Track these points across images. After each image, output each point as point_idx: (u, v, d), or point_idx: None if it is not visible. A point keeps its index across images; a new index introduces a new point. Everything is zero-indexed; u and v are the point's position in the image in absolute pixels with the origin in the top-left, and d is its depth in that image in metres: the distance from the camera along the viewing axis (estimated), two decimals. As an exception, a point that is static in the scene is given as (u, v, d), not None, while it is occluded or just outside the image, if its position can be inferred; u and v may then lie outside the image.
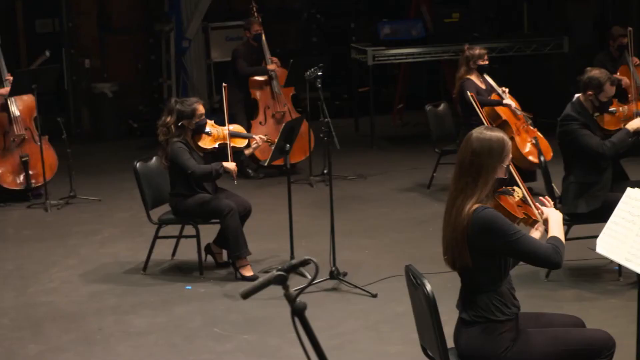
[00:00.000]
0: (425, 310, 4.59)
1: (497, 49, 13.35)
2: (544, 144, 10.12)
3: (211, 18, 14.96)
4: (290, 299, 3.21)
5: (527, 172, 9.99)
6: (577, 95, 7.64)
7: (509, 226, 4.59)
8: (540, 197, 4.99)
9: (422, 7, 14.64)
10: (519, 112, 10.23)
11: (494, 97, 10.19)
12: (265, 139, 8.46)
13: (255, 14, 12.23)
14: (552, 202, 4.95)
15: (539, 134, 10.25)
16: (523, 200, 4.91)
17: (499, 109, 10.11)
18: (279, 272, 3.26)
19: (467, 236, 4.59)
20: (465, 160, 4.67)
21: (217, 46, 15.10)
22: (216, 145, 8.23)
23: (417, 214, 9.94)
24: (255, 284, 3.35)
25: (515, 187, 4.92)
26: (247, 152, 8.53)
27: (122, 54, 15.50)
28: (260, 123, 11.83)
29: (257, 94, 11.92)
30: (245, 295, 3.37)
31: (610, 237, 5.08)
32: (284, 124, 8.21)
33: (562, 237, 4.76)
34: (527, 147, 10.06)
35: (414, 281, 4.71)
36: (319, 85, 7.74)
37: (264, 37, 12.01)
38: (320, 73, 7.71)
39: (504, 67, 14.43)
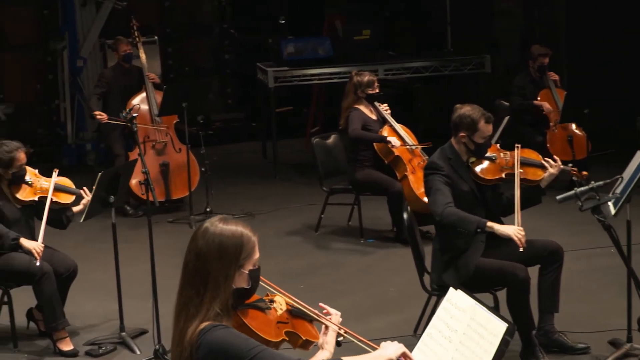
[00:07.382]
0: None
1: (412, 68, 12.12)
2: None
3: (110, 35, 13.65)
4: None
5: (424, 215, 8.72)
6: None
7: (245, 344, 3.29)
8: (320, 304, 3.64)
9: (336, 22, 13.43)
10: (414, 147, 9.01)
11: (385, 129, 8.99)
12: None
13: (136, 32, 10.96)
14: (337, 313, 3.61)
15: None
16: (292, 312, 3.60)
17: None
18: None
19: None
20: (189, 265, 3.38)
21: (117, 65, 13.81)
22: (36, 199, 7.01)
23: (293, 265, 8.66)
24: None
25: (276, 297, 3.60)
26: (75, 209, 7.19)
27: (18, 74, 14.14)
28: (139, 155, 10.48)
29: (136, 122, 10.59)
30: None
31: (424, 355, 3.79)
32: (100, 173, 6.85)
33: None
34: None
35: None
36: (135, 129, 6.50)
37: (143, 59, 10.70)
38: (135, 114, 6.46)
39: (430, 87, 13.32)
